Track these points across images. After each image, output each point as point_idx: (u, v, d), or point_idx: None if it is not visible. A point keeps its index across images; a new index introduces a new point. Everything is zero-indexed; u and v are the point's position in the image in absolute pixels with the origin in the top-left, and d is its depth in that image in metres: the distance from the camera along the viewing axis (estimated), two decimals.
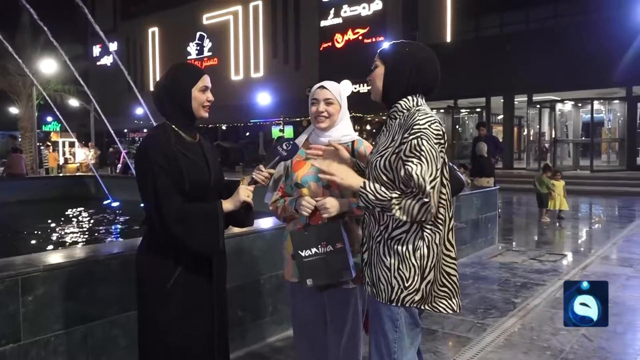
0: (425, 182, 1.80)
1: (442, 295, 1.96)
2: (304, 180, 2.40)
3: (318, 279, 2.26)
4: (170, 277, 2.04)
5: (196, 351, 2.13)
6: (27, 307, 2.45)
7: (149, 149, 2.07)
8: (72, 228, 8.78)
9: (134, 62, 39.70)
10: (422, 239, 1.91)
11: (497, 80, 20.51)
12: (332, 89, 2.41)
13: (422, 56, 2.03)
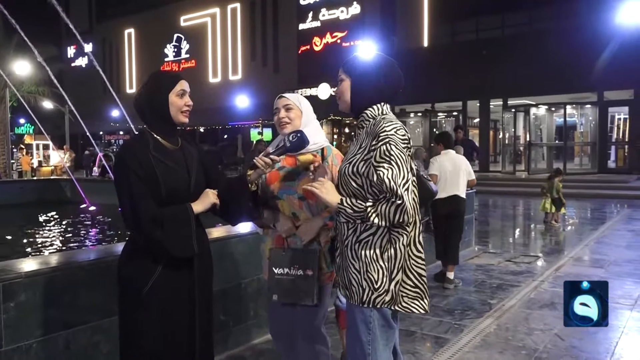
0: (397, 185, 1.87)
1: (414, 295, 2.02)
2: (279, 194, 2.47)
3: (283, 297, 2.38)
4: (147, 282, 2.06)
5: (175, 357, 2.14)
6: (9, 314, 2.45)
7: (125, 157, 2.11)
8: (50, 233, 8.66)
9: (110, 64, 39.18)
10: (390, 241, 1.98)
11: (473, 84, 20.87)
12: (290, 97, 2.52)
13: (385, 66, 2.10)
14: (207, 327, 2.26)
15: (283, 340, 2.59)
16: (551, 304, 4.64)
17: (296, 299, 2.33)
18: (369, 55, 2.16)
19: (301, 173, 2.47)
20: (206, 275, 2.25)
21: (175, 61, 34.91)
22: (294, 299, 2.34)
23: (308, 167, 2.48)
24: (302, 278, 2.30)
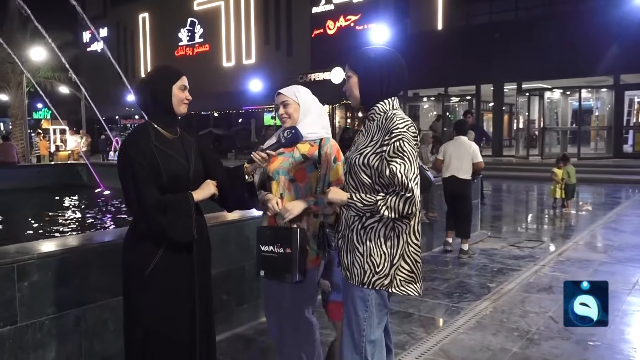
0: (408, 179, 1.99)
1: (409, 280, 2.14)
2: (274, 173, 2.62)
3: (267, 273, 2.51)
4: (149, 264, 2.20)
5: (175, 335, 2.29)
6: (23, 293, 2.62)
7: (128, 148, 2.25)
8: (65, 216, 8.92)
9: (124, 48, 39.44)
10: (393, 229, 2.10)
11: (487, 68, 20.68)
12: (286, 92, 2.65)
13: (389, 61, 2.20)
14: (207, 308, 2.41)
15: (273, 315, 2.74)
16: (549, 287, 4.73)
17: (278, 275, 2.47)
18: (374, 50, 2.25)
19: (297, 159, 2.61)
20: (204, 259, 2.39)
21: (189, 45, 35.02)
22: (276, 275, 2.48)
23: (306, 154, 2.61)
24: (283, 256, 2.42)
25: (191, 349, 2.31)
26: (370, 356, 2.11)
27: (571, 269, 5.37)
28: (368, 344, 2.11)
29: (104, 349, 2.95)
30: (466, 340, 3.58)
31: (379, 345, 2.16)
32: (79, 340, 2.88)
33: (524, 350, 3.41)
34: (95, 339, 2.94)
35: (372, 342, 2.12)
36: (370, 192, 2.08)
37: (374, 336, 2.12)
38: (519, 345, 3.49)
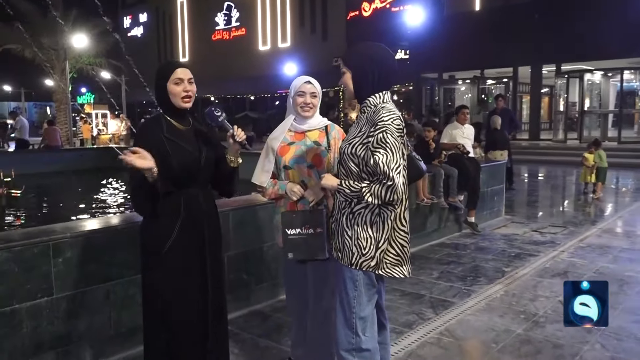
0: (389, 169, 2.15)
1: (396, 262, 2.31)
2: (291, 162, 2.78)
3: (297, 254, 2.67)
4: (165, 244, 2.42)
5: (189, 309, 2.51)
6: (58, 267, 2.92)
7: (137, 139, 2.46)
8: (102, 198, 9.40)
9: (164, 33, 40.21)
10: (379, 215, 2.26)
11: (525, 49, 20.17)
12: (316, 85, 2.79)
13: (380, 57, 2.34)
14: (219, 285, 2.64)
15: (296, 296, 2.92)
16: (564, 273, 4.80)
17: (310, 255, 2.62)
18: (366, 47, 2.39)
19: (309, 146, 2.78)
20: (215, 238, 2.61)
21: (226, 29, 35.41)
22: (308, 255, 2.63)
23: (317, 140, 2.79)
24: (313, 236, 2.59)
25: (204, 322, 2.55)
26: (361, 331, 2.29)
27: (590, 255, 5.39)
28: (358, 320, 2.29)
29: (131, 320, 3.24)
30: (472, 321, 3.72)
31: (370, 321, 2.33)
32: (109, 312, 3.17)
33: (528, 332, 3.53)
34: (124, 311, 3.23)
35: (363, 318, 2.30)
36: (358, 180, 2.24)
37: (363, 313, 2.30)
38: (523, 327, 3.61)
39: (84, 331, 3.07)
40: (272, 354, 3.24)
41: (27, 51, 19.71)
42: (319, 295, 2.80)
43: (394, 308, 3.96)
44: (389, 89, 2.39)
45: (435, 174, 5.93)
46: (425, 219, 5.94)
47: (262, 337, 3.49)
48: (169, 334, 2.50)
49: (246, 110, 31.41)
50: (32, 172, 10.58)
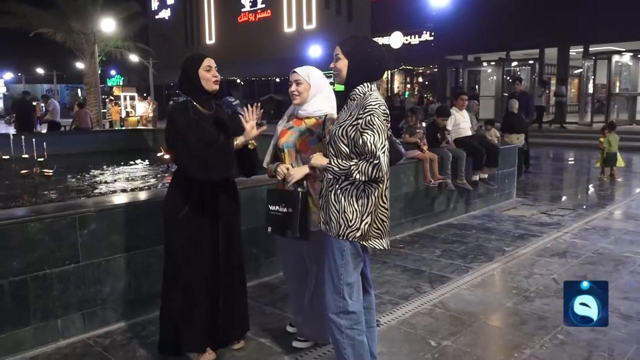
0: (376, 148, 2.40)
1: (377, 235, 2.56)
2: (284, 145, 3.04)
3: (273, 229, 2.95)
4: (182, 209, 2.82)
5: (201, 264, 2.88)
6: (83, 238, 3.26)
7: (175, 115, 2.85)
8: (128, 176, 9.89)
9: (190, 15, 40.56)
10: (364, 190, 2.51)
11: (552, 30, 19.85)
12: (300, 72, 2.99)
13: (377, 52, 2.59)
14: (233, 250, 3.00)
15: (290, 268, 3.22)
16: (563, 253, 4.97)
17: (280, 232, 2.91)
18: (365, 42, 2.63)
19: (303, 132, 3.03)
20: (229, 207, 2.96)
21: (252, 11, 35.52)
22: (279, 232, 2.93)
23: (310, 128, 3.03)
24: (287, 214, 2.86)
25: (214, 286, 2.91)
26: (347, 296, 2.56)
27: (593, 236, 5.54)
28: (345, 286, 2.56)
29: (150, 287, 3.57)
30: (466, 295, 3.96)
31: (356, 287, 2.60)
32: (129, 279, 3.52)
33: (517, 305, 3.75)
34: (142, 278, 3.57)
35: (349, 284, 2.56)
36: (347, 159, 2.49)
37: (350, 279, 2.56)
38: (513, 301, 3.83)
39: (107, 295, 3.42)
40: (276, 320, 3.55)
41: (59, 35, 20.33)
42: (315, 268, 3.07)
43: (393, 282, 4.23)
44: (376, 81, 2.63)
45: (443, 156, 6.12)
46: (433, 200, 6.15)
47: (269, 305, 3.80)
48: (180, 293, 2.84)
49: (271, 93, 31.69)
50: (63, 152, 11.09)
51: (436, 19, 23.29)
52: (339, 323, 2.56)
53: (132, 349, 3.14)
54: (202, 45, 39.23)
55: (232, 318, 3.04)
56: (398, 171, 5.63)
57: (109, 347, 3.18)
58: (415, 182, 5.88)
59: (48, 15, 20.05)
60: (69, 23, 19.93)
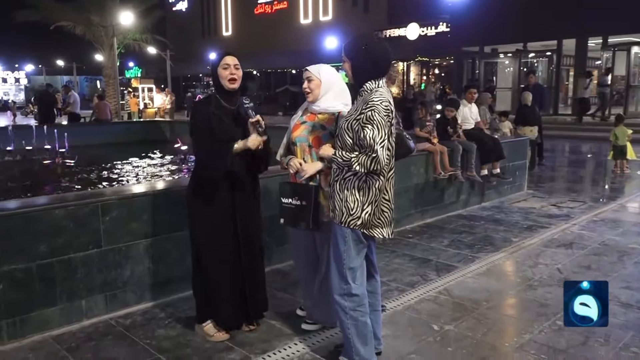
0: (374, 142, 2.54)
1: (377, 224, 2.70)
2: (297, 140, 3.18)
3: (286, 221, 3.09)
4: (202, 195, 3.05)
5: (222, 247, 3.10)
6: (106, 224, 3.46)
7: (196, 113, 3.10)
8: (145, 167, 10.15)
9: (207, 7, 40.78)
10: (365, 182, 2.66)
11: (570, 21, 19.64)
12: (311, 70, 3.12)
13: (376, 49, 2.70)
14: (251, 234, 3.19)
15: (300, 255, 3.37)
16: (569, 244, 5.06)
17: (294, 224, 3.06)
18: (364, 41, 2.75)
19: (316, 127, 3.17)
20: (246, 195, 3.16)
21: (268, 3, 35.61)
22: (293, 224, 3.07)
23: (324, 124, 3.16)
24: (300, 207, 3.00)
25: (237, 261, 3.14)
26: (351, 280, 2.72)
27: (601, 228, 5.61)
28: (348, 270, 2.71)
29: (167, 271, 3.77)
30: (470, 283, 4.09)
31: (360, 271, 2.75)
32: (148, 264, 3.71)
33: (519, 293, 3.88)
34: (160, 264, 3.76)
35: (352, 269, 2.71)
36: (351, 151, 2.63)
37: (352, 264, 2.72)
38: (516, 289, 3.96)
39: (128, 279, 3.62)
40: (287, 304, 3.72)
41: (78, 28, 20.68)
42: (325, 255, 3.22)
43: (401, 270, 4.37)
44: (384, 76, 2.76)
45: (454, 149, 6.22)
46: (443, 191, 6.26)
47: (280, 290, 3.97)
48: (205, 275, 3.12)
49: (287, 84, 31.82)
50: (84, 143, 11.40)
51: (452, 10, 23.17)
52: (343, 305, 2.73)
53: (151, 329, 3.34)
54: (219, 37, 39.46)
55: (255, 299, 3.26)
56: (409, 163, 5.75)
57: (130, 326, 3.38)
58: (426, 174, 6.00)
59: (68, 8, 20.39)
60: (89, 16, 20.25)
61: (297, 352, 3.04)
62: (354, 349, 2.74)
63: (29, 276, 3.17)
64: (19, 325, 3.17)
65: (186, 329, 3.33)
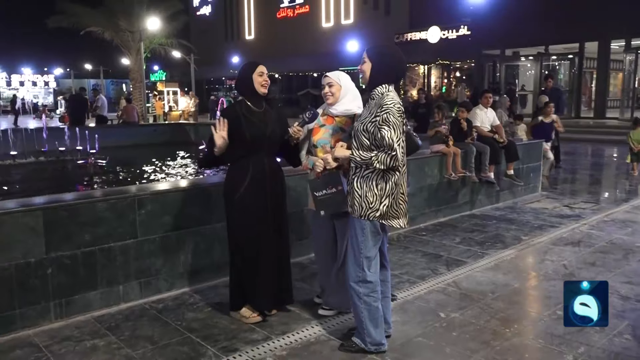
0: (393, 141, 2.84)
1: (394, 215, 2.98)
2: (318, 143, 3.48)
3: (328, 210, 3.36)
4: (237, 192, 3.37)
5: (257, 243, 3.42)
6: (141, 217, 3.81)
7: (223, 114, 3.44)
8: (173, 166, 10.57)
9: (230, 11, 41.43)
10: (382, 178, 2.95)
11: (592, 24, 19.60)
12: (332, 76, 3.46)
13: (398, 58, 3.02)
14: (280, 226, 3.53)
15: (321, 247, 3.67)
16: (577, 242, 5.25)
17: (336, 209, 3.29)
18: (388, 49, 3.09)
19: (336, 130, 3.47)
20: (277, 190, 3.50)
21: (290, 7, 36.01)
22: (334, 210, 3.31)
23: (343, 127, 3.46)
24: (335, 193, 3.25)
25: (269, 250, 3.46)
26: (366, 268, 3.00)
27: (610, 228, 5.78)
28: (364, 259, 3.00)
29: (196, 262, 4.11)
30: (478, 276, 4.33)
31: (374, 261, 3.03)
32: (179, 254, 4.05)
33: (524, 286, 4.12)
34: (190, 254, 4.10)
35: (368, 257, 3.00)
36: (368, 151, 2.93)
37: (369, 254, 3.00)
38: (521, 283, 4.19)
39: (160, 268, 3.96)
40: (305, 293, 4.02)
41: (107, 33, 21.37)
42: (344, 244, 3.52)
43: (413, 264, 4.64)
44: (395, 83, 3.05)
45: (467, 150, 6.45)
46: (457, 192, 6.49)
47: (299, 281, 4.27)
48: (240, 262, 3.46)
49: (308, 87, 32.18)
50: (113, 145, 11.90)
51: (474, 13, 23.26)
52: (358, 290, 3.02)
53: (181, 313, 3.67)
54: (242, 41, 40.06)
55: (283, 285, 3.60)
56: (423, 164, 6.02)
57: (162, 310, 3.72)
58: (439, 175, 6.24)
59: (98, 14, 21.12)
60: (117, 21, 20.94)
61: (313, 334, 3.34)
62: (366, 330, 3.03)
63: (74, 262, 3.54)
64: (64, 307, 3.54)
65: (213, 312, 3.66)
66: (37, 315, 3.43)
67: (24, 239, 3.34)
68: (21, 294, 3.35)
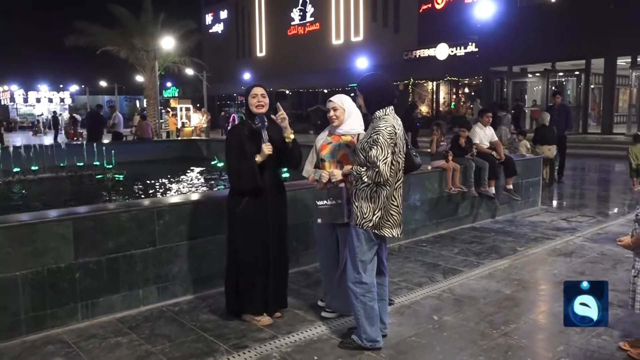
0: (378, 159, 3.18)
1: (387, 225, 3.32)
2: (325, 156, 3.83)
3: (325, 219, 3.70)
4: (239, 205, 3.70)
5: (252, 254, 3.72)
6: (160, 227, 4.17)
7: (230, 136, 3.82)
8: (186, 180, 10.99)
9: (242, 29, 42.28)
10: (375, 191, 3.28)
11: (599, 41, 19.87)
12: (336, 100, 3.79)
13: (381, 82, 3.37)
14: (280, 239, 3.83)
15: (325, 255, 3.99)
16: (570, 253, 5.52)
17: (332, 220, 3.64)
18: (372, 78, 3.46)
19: (342, 147, 3.81)
20: (278, 203, 3.81)
21: (301, 25, 36.73)
22: (331, 220, 3.65)
23: (348, 144, 3.80)
24: (335, 205, 3.59)
25: (265, 265, 3.75)
26: (362, 270, 3.33)
27: (603, 240, 6.03)
28: (360, 262, 3.33)
29: (207, 269, 4.45)
30: (472, 284, 4.62)
31: (370, 264, 3.36)
32: (192, 261, 4.39)
33: (514, 292, 4.40)
34: (202, 262, 4.44)
35: (363, 261, 3.33)
36: (363, 167, 3.27)
37: (364, 257, 3.33)
38: (512, 289, 4.47)
39: (176, 274, 4.31)
40: (310, 298, 4.33)
41: (122, 52, 22.05)
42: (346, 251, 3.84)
43: (411, 273, 4.94)
44: (391, 104, 3.39)
45: (467, 166, 6.76)
46: (457, 205, 6.79)
47: (304, 287, 4.59)
48: (239, 271, 3.76)
49: (318, 104, 32.68)
50: (128, 160, 12.35)
51: (481, 30, 23.64)
52: (355, 290, 3.34)
53: (195, 315, 4.00)
54: (253, 58, 40.83)
55: (278, 293, 3.90)
56: (424, 178, 6.33)
57: (178, 312, 4.05)
58: (440, 189, 6.55)
59: (114, 34, 21.83)
60: (132, 40, 21.63)
61: (316, 333, 3.65)
62: (362, 328, 3.34)
63: (99, 267, 3.90)
64: (90, 308, 3.88)
65: (224, 315, 3.97)
66: (66, 315, 3.78)
67: (56, 245, 3.70)
68: (52, 295, 3.71)
